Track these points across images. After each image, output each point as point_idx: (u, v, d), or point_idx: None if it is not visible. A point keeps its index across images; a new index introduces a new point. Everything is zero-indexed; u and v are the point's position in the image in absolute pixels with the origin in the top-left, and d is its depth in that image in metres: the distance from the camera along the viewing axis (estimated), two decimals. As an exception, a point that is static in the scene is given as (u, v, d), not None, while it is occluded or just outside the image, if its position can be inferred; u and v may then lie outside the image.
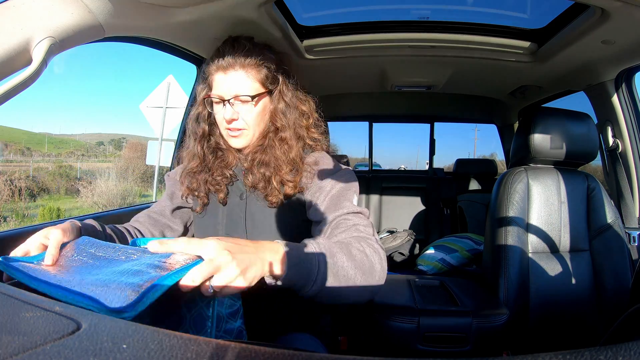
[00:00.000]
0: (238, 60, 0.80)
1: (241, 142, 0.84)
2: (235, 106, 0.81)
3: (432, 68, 1.64)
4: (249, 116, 0.82)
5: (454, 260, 1.88)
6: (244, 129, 0.83)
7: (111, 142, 40.56)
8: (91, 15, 0.67)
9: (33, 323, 0.32)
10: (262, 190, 0.82)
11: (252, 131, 0.83)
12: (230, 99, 0.80)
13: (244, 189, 0.85)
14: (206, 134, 0.89)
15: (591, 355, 0.27)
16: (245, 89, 0.80)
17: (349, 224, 0.74)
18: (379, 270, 0.68)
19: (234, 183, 0.86)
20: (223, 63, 0.80)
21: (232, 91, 0.80)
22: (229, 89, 0.80)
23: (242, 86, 0.80)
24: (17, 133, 37.69)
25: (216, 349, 0.30)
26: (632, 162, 1.41)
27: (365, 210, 0.78)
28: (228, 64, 0.80)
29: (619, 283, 1.26)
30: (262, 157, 0.82)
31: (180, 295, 0.52)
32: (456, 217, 2.43)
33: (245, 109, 0.81)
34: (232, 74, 0.80)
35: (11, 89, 0.58)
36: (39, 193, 11.54)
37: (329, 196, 0.78)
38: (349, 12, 1.35)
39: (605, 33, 1.07)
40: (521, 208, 1.32)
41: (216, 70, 0.81)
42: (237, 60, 0.80)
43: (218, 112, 0.83)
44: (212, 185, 0.85)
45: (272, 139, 0.84)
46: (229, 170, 0.86)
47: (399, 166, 9.95)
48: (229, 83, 0.80)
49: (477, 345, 1.08)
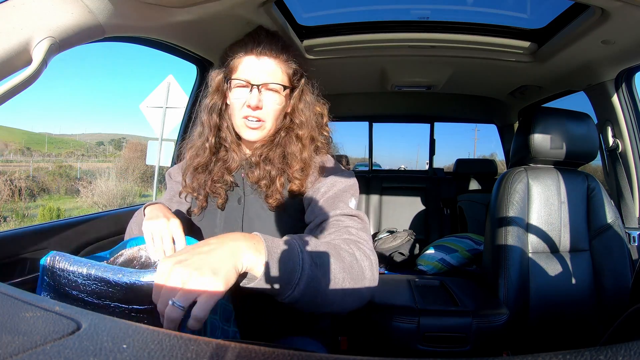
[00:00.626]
0: (274, 50, 0.79)
1: (257, 135, 0.82)
2: (263, 94, 0.79)
3: (432, 68, 1.64)
4: (272, 107, 0.80)
5: (454, 260, 1.88)
6: (263, 121, 0.80)
7: (111, 142, 40.58)
8: (91, 15, 0.67)
9: (33, 323, 0.32)
10: (264, 189, 0.80)
11: (271, 124, 0.82)
12: (259, 85, 0.78)
13: (242, 193, 0.84)
14: (216, 126, 0.86)
15: (591, 355, 0.27)
16: (276, 78, 0.79)
17: (341, 225, 0.71)
18: (369, 277, 0.64)
19: (234, 189, 0.85)
20: (259, 48, 0.78)
21: (262, 78, 0.78)
22: (260, 74, 0.78)
23: (274, 75, 0.79)
24: (17, 133, 37.67)
25: (216, 349, 0.30)
26: (632, 162, 1.41)
27: (361, 214, 0.75)
28: (264, 49, 0.78)
29: (619, 283, 1.26)
30: (269, 154, 0.81)
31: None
32: (456, 217, 2.43)
33: (271, 99, 0.80)
34: (265, 60, 0.79)
35: (11, 89, 0.58)
36: (39, 193, 11.54)
37: (324, 197, 0.77)
38: (349, 12, 1.35)
39: (605, 33, 1.07)
40: (521, 208, 1.32)
41: (247, 53, 0.79)
42: (273, 49, 0.79)
43: (239, 97, 0.80)
44: (212, 190, 0.83)
45: (287, 136, 0.83)
46: (229, 176, 0.84)
47: (399, 166, 9.95)
48: (262, 68, 0.78)
49: (477, 345, 1.08)
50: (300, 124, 0.83)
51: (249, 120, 0.80)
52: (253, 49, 0.79)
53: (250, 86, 0.78)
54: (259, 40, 0.80)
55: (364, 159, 3.00)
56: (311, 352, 0.31)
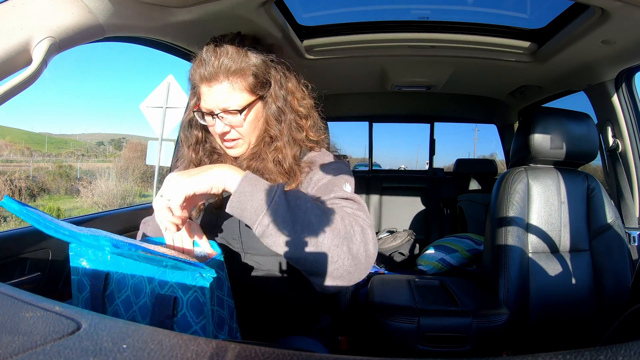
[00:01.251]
0: (221, 70, 0.74)
1: (239, 151, 0.82)
2: (226, 119, 0.77)
3: (432, 68, 1.64)
4: (241, 128, 0.78)
5: (454, 260, 1.88)
6: (238, 139, 0.80)
7: (111, 142, 40.59)
8: (91, 15, 0.67)
9: (33, 323, 0.32)
10: None
11: (248, 139, 0.80)
12: (218, 113, 0.76)
13: None
14: (200, 139, 0.86)
15: (591, 355, 0.27)
16: (232, 101, 0.75)
17: (336, 206, 0.68)
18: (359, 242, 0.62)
19: None
20: (206, 74, 0.75)
21: (219, 105, 0.76)
22: (216, 103, 0.76)
23: (229, 99, 0.75)
24: (17, 133, 37.69)
25: (216, 349, 0.30)
26: (632, 162, 1.41)
27: (357, 197, 0.71)
28: (211, 75, 0.74)
29: (619, 283, 1.26)
30: (256, 165, 0.79)
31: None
32: (456, 217, 2.43)
33: (237, 120, 0.77)
34: (216, 87, 0.75)
35: (11, 89, 0.58)
36: (39, 193, 11.54)
37: (318, 184, 0.75)
38: (349, 12, 1.34)
39: (605, 33, 1.06)
40: (521, 208, 1.32)
41: (200, 82, 0.77)
42: (220, 69, 0.74)
43: (209, 124, 0.80)
44: None
45: (266, 150, 0.79)
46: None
47: (399, 166, 9.92)
48: (215, 97, 0.75)
49: (477, 345, 1.08)
50: (275, 136, 0.80)
51: (226, 143, 0.80)
52: (203, 75, 0.75)
53: (212, 115, 0.77)
54: (205, 62, 0.75)
55: (364, 159, 3.00)
56: (311, 352, 0.31)
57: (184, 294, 0.56)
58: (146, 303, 0.59)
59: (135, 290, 0.60)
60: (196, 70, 0.77)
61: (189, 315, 0.56)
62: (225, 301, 0.64)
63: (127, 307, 0.60)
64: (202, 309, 0.56)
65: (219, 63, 0.74)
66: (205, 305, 0.56)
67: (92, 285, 0.62)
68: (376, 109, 2.57)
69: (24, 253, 0.92)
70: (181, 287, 0.56)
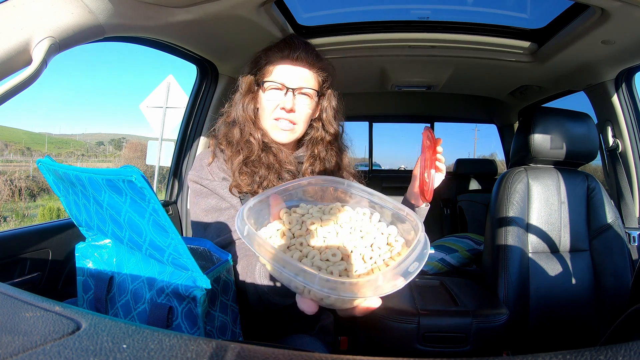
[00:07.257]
0: (309, 57, 0.83)
1: (288, 137, 0.84)
2: (295, 98, 0.82)
3: (432, 68, 1.64)
4: (304, 111, 0.83)
5: (454, 260, 1.88)
6: (295, 124, 0.83)
7: (111, 142, 40.56)
8: (91, 15, 0.67)
9: (33, 323, 0.32)
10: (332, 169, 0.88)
11: (301, 128, 0.85)
12: (294, 89, 0.81)
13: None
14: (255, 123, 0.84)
15: (591, 355, 0.27)
16: (310, 83, 0.83)
17: None
18: None
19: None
20: (295, 54, 0.81)
21: (297, 82, 0.81)
22: (295, 78, 0.81)
23: (308, 80, 0.83)
24: (17, 133, 37.68)
25: (216, 349, 0.30)
26: (632, 162, 1.41)
27: None
28: (300, 56, 0.81)
29: (619, 283, 1.26)
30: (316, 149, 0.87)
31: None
32: (456, 217, 2.43)
33: (304, 103, 0.83)
34: (301, 66, 0.82)
35: (11, 89, 0.58)
36: (39, 193, 11.54)
37: None
38: (349, 12, 1.35)
39: (605, 33, 1.06)
40: (521, 208, 1.32)
41: (283, 58, 0.82)
42: (308, 56, 0.83)
43: (271, 99, 0.82)
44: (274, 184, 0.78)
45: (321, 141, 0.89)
46: (291, 166, 0.83)
47: (399, 166, 9.90)
48: (298, 73, 0.82)
49: (477, 346, 1.08)
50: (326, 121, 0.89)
51: (281, 122, 0.82)
52: (290, 54, 0.82)
53: (286, 89, 0.81)
54: (295, 47, 0.83)
55: (364, 159, 3.00)
56: (311, 352, 0.31)
57: (179, 304, 0.56)
58: (145, 310, 0.59)
59: (135, 296, 0.60)
60: (278, 49, 0.83)
61: (183, 326, 0.56)
62: (230, 306, 0.64)
63: (126, 312, 0.60)
64: (196, 321, 0.56)
65: (309, 52, 0.83)
66: (199, 317, 0.56)
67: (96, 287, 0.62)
68: (376, 109, 2.57)
69: (24, 253, 0.92)
70: (176, 296, 0.56)
